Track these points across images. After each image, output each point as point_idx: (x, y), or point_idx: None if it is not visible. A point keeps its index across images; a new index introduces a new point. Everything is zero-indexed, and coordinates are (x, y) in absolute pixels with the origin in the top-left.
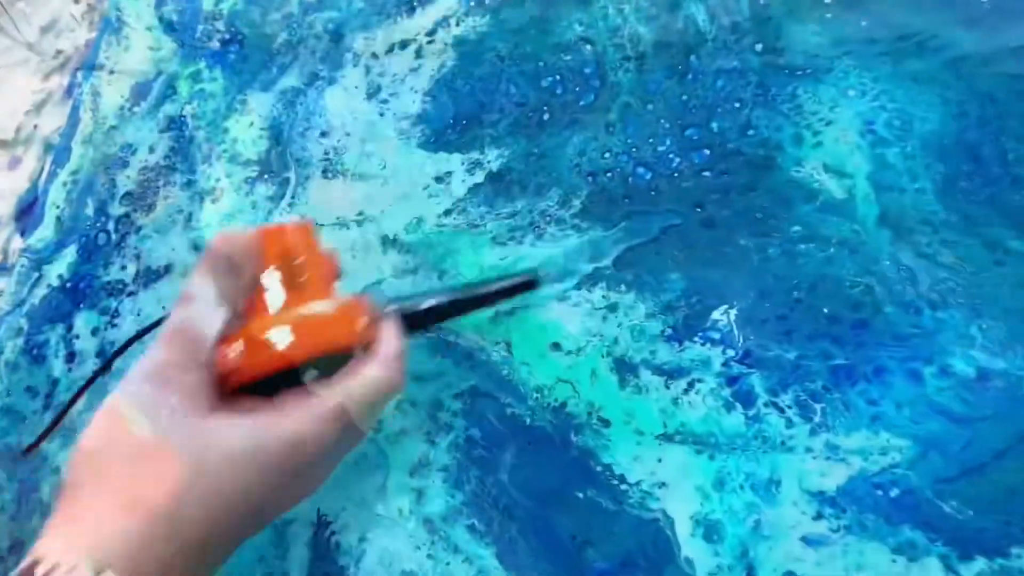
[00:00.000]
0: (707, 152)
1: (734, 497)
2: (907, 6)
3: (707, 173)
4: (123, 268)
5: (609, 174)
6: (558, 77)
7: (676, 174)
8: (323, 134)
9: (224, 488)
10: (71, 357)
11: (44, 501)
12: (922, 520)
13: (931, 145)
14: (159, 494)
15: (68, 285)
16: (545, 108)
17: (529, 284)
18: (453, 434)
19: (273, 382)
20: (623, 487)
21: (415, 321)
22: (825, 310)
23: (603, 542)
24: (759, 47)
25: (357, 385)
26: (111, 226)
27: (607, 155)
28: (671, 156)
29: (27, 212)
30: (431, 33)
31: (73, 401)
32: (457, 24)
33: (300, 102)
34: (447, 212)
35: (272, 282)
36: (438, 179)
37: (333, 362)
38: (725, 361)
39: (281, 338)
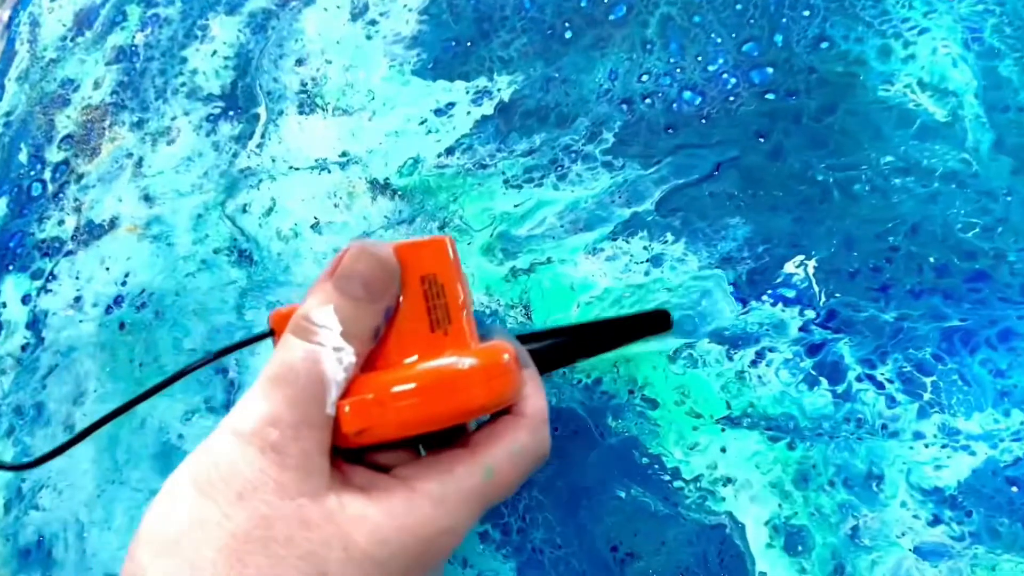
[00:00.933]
0: (770, 71)
1: (823, 496)
2: None
3: (771, 96)
4: (60, 223)
5: (648, 100)
6: None
7: (732, 98)
8: (299, 62)
9: None
10: None
11: None
12: None
13: None
14: None
15: None
16: (567, 23)
17: (662, 319)
18: None
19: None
20: (677, 484)
21: (542, 365)
22: (931, 259)
23: (653, 555)
24: None
25: (504, 456)
26: (47, 174)
27: (645, 78)
28: (725, 76)
29: None
30: None
31: (97, 426)
32: None
33: (272, 26)
34: (449, 151)
35: (408, 315)
36: (438, 112)
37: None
38: (804, 324)
39: (418, 397)
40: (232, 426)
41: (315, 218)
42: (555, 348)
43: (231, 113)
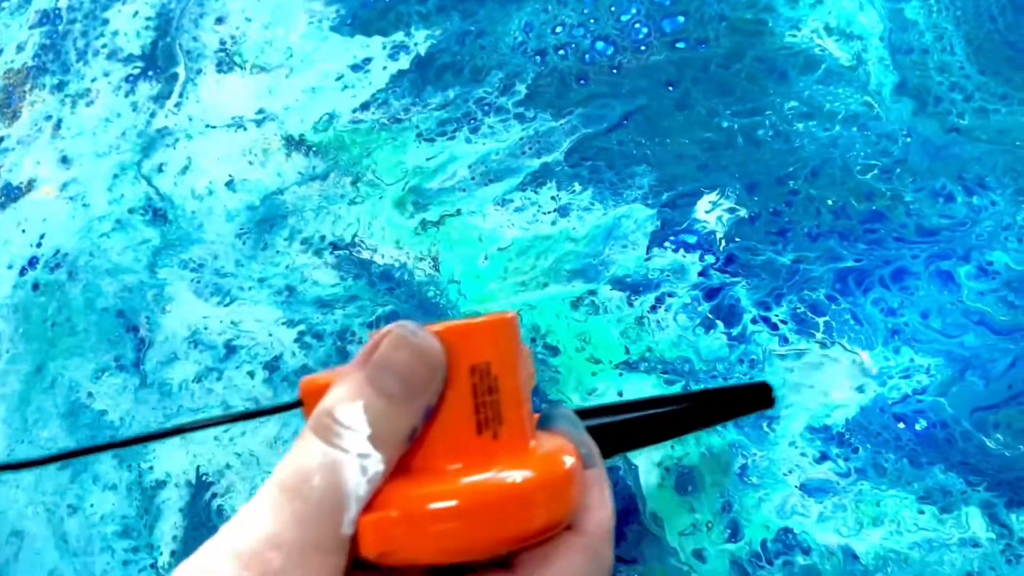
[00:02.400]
0: (681, 19)
1: (714, 437)
2: None
3: (681, 44)
4: None
5: (561, 52)
6: None
7: (643, 47)
8: (219, 21)
9: None
10: None
11: None
12: (958, 460)
13: None
14: None
15: None
16: None
17: (763, 395)
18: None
19: None
20: None
21: (611, 445)
22: (830, 201)
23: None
24: None
25: None
26: None
27: (559, 29)
28: (637, 26)
29: None
30: None
31: (83, 453)
32: None
33: None
34: (364, 106)
35: (451, 412)
36: (354, 67)
37: None
38: (703, 270)
39: (458, 521)
40: (231, 541)
41: (230, 175)
42: (634, 425)
43: (150, 73)
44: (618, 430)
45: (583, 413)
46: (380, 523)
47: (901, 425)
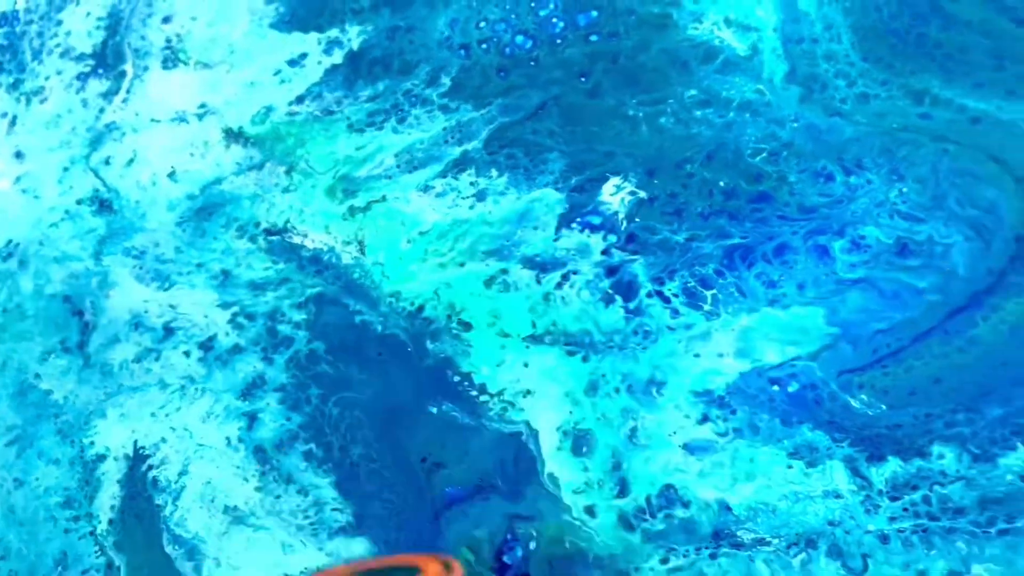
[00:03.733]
0: (595, 14)
1: (608, 402)
2: None
3: (595, 37)
4: None
5: (484, 45)
6: None
7: (559, 41)
8: (165, 20)
9: None
10: None
11: None
12: (825, 419)
13: None
14: None
15: None
16: None
17: None
18: (293, 349)
19: None
20: (483, 398)
21: None
22: (722, 183)
23: (457, 463)
24: None
25: None
26: None
27: (482, 24)
28: (554, 21)
29: None
30: None
31: None
32: None
33: None
34: (299, 99)
35: None
36: (291, 62)
37: None
38: (606, 248)
39: None
40: None
41: (172, 167)
42: None
43: (100, 71)
44: None
45: None
46: None
47: (775, 388)
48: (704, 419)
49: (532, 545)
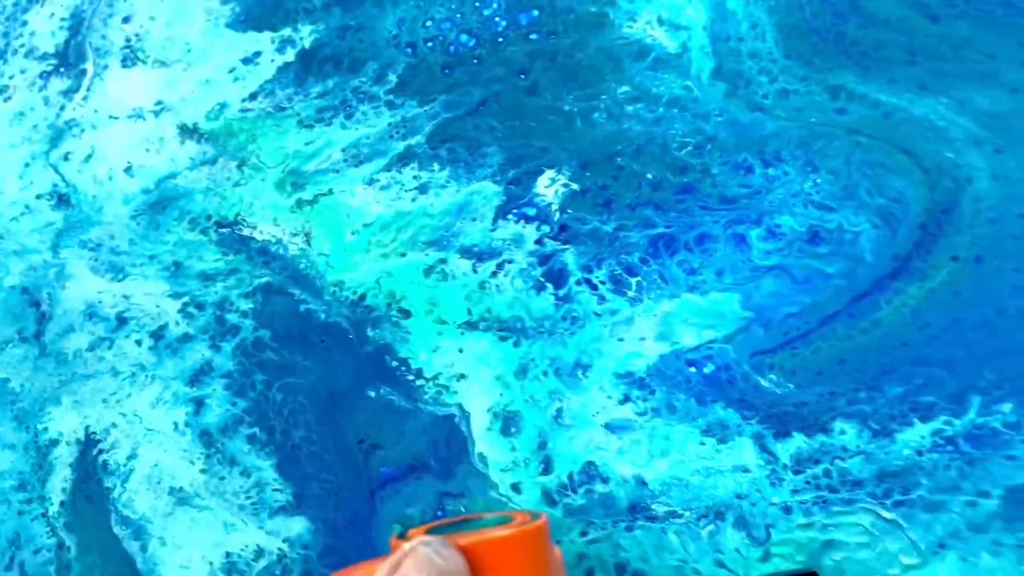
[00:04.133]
0: (536, 13)
1: (536, 385)
2: None
3: (535, 36)
4: None
5: (430, 44)
6: None
7: (502, 39)
8: (125, 20)
9: None
10: None
11: None
12: (737, 398)
13: None
14: None
15: None
16: None
17: None
18: (240, 336)
19: None
20: (419, 382)
21: None
22: (649, 175)
23: (392, 444)
24: None
25: None
26: None
27: (429, 23)
28: (497, 20)
29: None
30: None
31: None
32: None
33: None
34: (252, 96)
35: None
36: (245, 60)
37: None
38: (539, 238)
39: None
40: None
41: (128, 162)
42: None
43: (62, 69)
44: None
45: None
46: None
47: (692, 369)
48: (625, 399)
49: None
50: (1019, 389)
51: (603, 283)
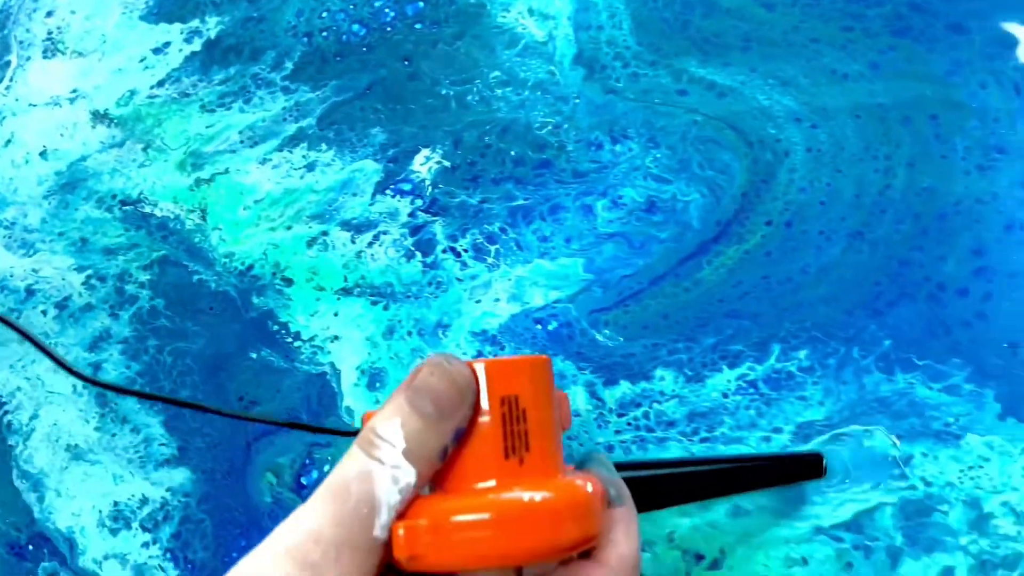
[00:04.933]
0: (421, 4)
1: (401, 344)
2: None
3: (419, 25)
4: None
5: (324, 33)
6: None
7: (389, 28)
8: (49, 14)
9: None
10: None
11: None
12: (575, 351)
13: None
14: None
15: None
16: None
17: (813, 466)
18: (137, 305)
19: None
20: (296, 344)
21: (649, 499)
22: (513, 152)
23: (269, 400)
24: None
25: None
26: None
27: (324, 14)
28: (386, 11)
29: None
30: None
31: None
32: None
33: None
34: (160, 83)
35: (481, 437)
36: (156, 50)
37: None
38: (412, 211)
39: (477, 531)
40: (282, 535)
41: (43, 147)
42: (672, 481)
43: None
44: (657, 484)
45: (625, 466)
46: (411, 530)
47: (539, 327)
48: (478, 355)
49: (326, 468)
50: (814, 338)
51: (466, 251)
